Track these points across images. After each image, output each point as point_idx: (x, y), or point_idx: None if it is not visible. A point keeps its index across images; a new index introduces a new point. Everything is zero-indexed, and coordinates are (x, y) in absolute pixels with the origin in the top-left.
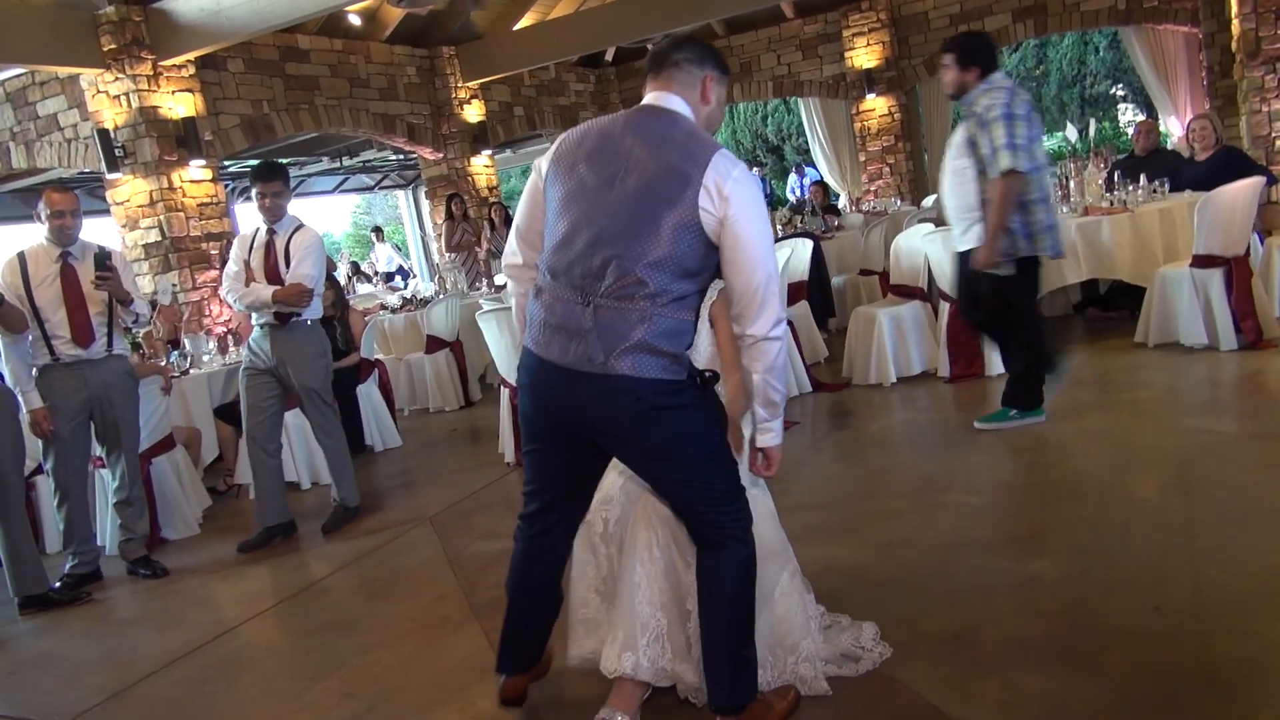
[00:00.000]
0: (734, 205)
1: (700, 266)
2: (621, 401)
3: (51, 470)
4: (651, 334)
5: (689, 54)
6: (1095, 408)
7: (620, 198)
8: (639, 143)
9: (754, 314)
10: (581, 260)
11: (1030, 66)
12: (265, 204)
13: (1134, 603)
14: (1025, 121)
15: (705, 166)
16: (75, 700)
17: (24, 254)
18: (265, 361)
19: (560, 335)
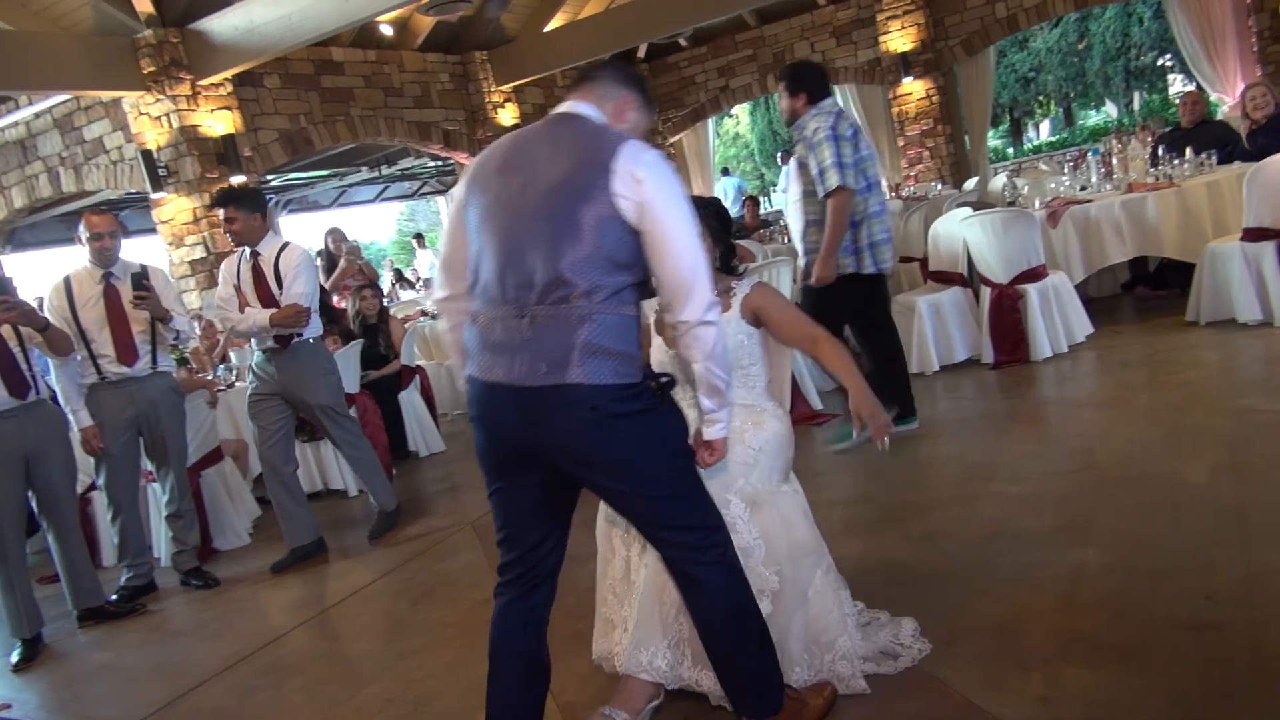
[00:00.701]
0: (650, 188)
1: (631, 258)
2: (576, 414)
3: (104, 486)
4: (595, 334)
5: (613, 72)
6: (1144, 390)
7: (535, 201)
8: (547, 145)
9: (684, 299)
10: (509, 273)
11: (1071, 42)
12: (230, 228)
13: (1183, 591)
14: (850, 143)
15: (616, 154)
16: (130, 710)
17: (69, 277)
18: (272, 385)
19: (501, 354)
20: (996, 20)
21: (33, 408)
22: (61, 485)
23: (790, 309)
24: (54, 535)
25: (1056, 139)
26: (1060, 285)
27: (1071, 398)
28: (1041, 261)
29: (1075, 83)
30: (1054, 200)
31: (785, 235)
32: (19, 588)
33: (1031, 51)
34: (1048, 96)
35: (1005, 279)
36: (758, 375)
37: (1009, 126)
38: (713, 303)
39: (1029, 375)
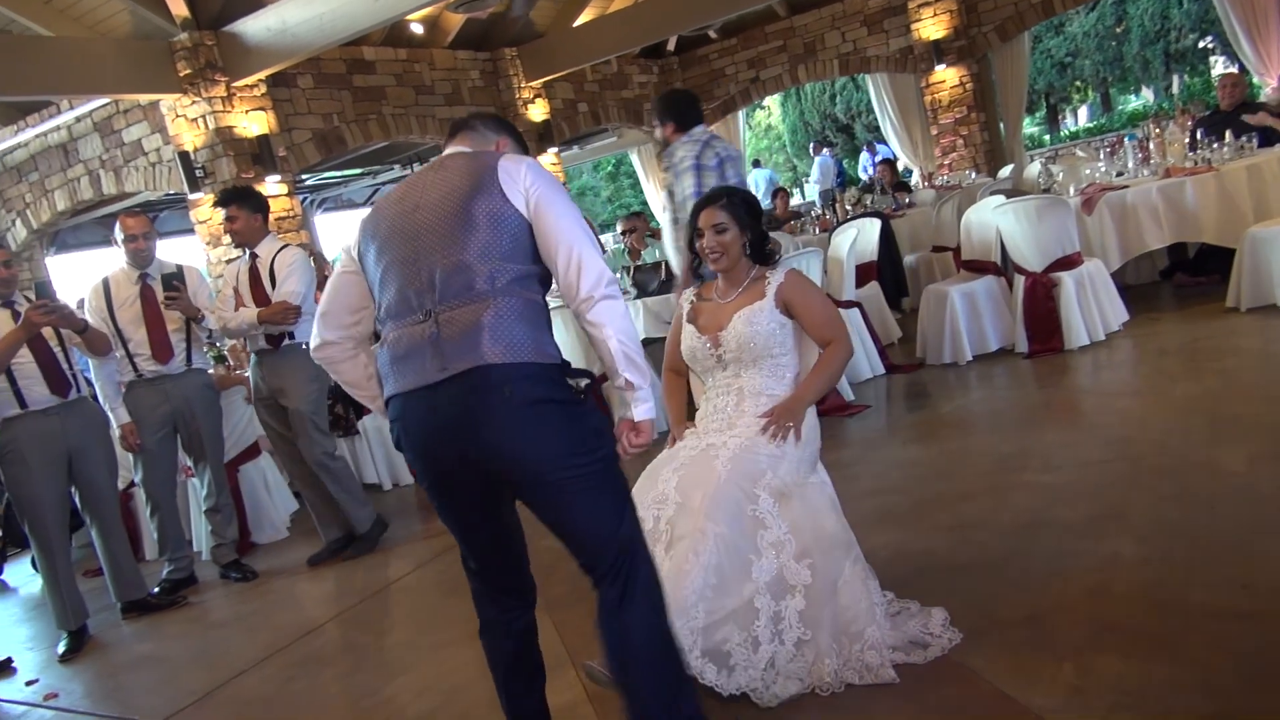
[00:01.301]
0: (531, 178)
1: (529, 249)
2: (490, 401)
3: (142, 482)
4: (502, 315)
5: (486, 121)
6: (1182, 378)
7: (427, 215)
8: (433, 175)
9: (579, 277)
10: (411, 284)
11: (1109, 25)
12: (226, 228)
13: (1219, 581)
14: (714, 172)
15: (498, 158)
16: (171, 700)
17: (107, 279)
18: (262, 389)
19: (412, 361)
20: (1031, 5)
21: (74, 406)
22: (103, 481)
23: (820, 302)
24: (97, 530)
25: (1094, 125)
26: (1096, 273)
27: (1107, 387)
28: (1076, 249)
29: (1113, 67)
30: (1089, 187)
31: (816, 226)
32: (64, 581)
33: (1068, 36)
34: (1085, 82)
35: (1039, 267)
36: (787, 365)
37: (1045, 113)
38: (610, 279)
39: (1064, 364)
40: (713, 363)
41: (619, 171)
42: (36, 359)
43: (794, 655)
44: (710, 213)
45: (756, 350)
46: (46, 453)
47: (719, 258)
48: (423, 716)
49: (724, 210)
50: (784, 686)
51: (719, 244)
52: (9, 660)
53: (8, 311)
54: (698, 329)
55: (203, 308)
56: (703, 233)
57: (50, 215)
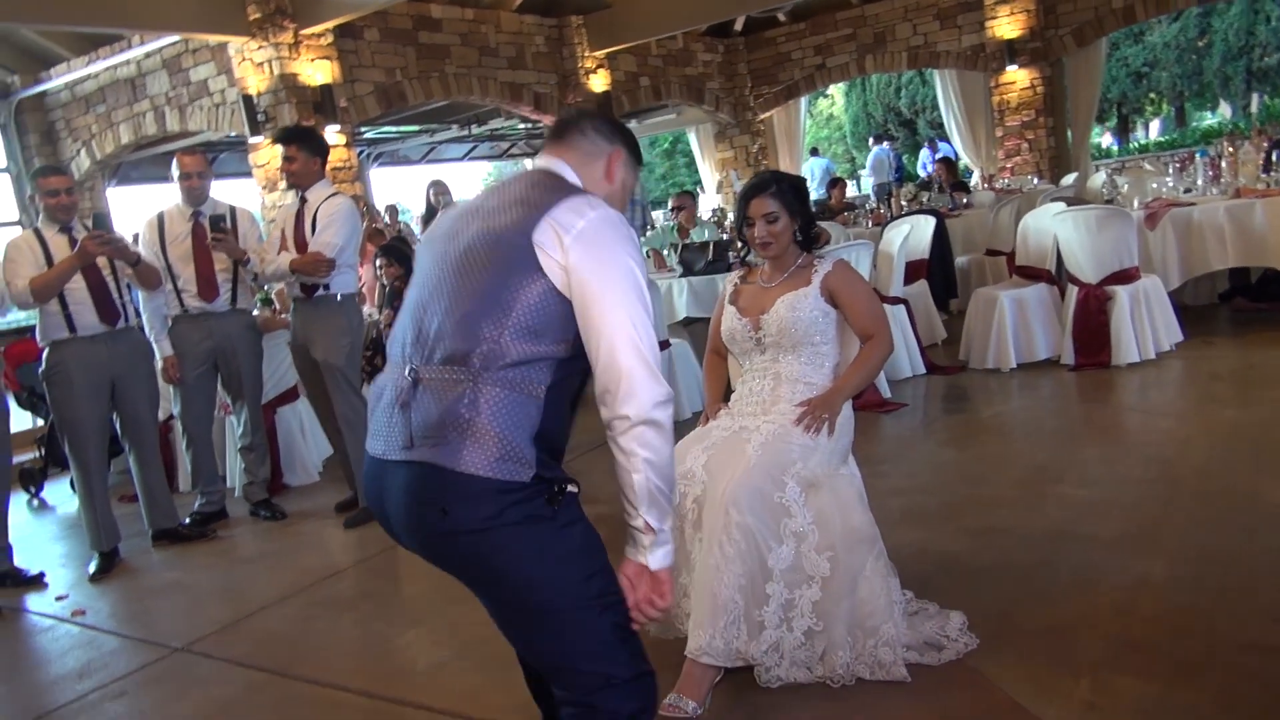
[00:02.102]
0: (581, 251)
1: (550, 328)
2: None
3: (180, 415)
4: (479, 409)
5: (600, 124)
6: (1231, 404)
7: (455, 250)
8: (499, 192)
9: (624, 390)
10: (411, 327)
11: (1191, 38)
12: (283, 168)
13: (1250, 611)
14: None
15: (554, 202)
16: (193, 627)
17: (162, 214)
18: (299, 339)
19: (381, 421)
20: (1112, 11)
21: (120, 335)
22: (144, 410)
23: (864, 295)
24: (135, 458)
25: (1166, 139)
26: (1152, 289)
27: (1153, 406)
28: (1135, 263)
29: (1191, 81)
30: (1155, 201)
31: (869, 220)
32: (99, 503)
33: (1147, 45)
34: (1160, 94)
35: (1095, 279)
36: (827, 354)
37: (1116, 123)
38: (662, 399)
39: (1109, 380)
40: (751, 345)
41: (675, 150)
42: (89, 286)
43: (802, 643)
44: (761, 201)
45: (797, 336)
46: (92, 378)
47: (769, 245)
48: (433, 667)
49: (774, 199)
50: (788, 672)
51: (770, 233)
52: (41, 574)
53: (65, 238)
54: (739, 311)
55: (250, 250)
56: (753, 221)
57: (114, 147)
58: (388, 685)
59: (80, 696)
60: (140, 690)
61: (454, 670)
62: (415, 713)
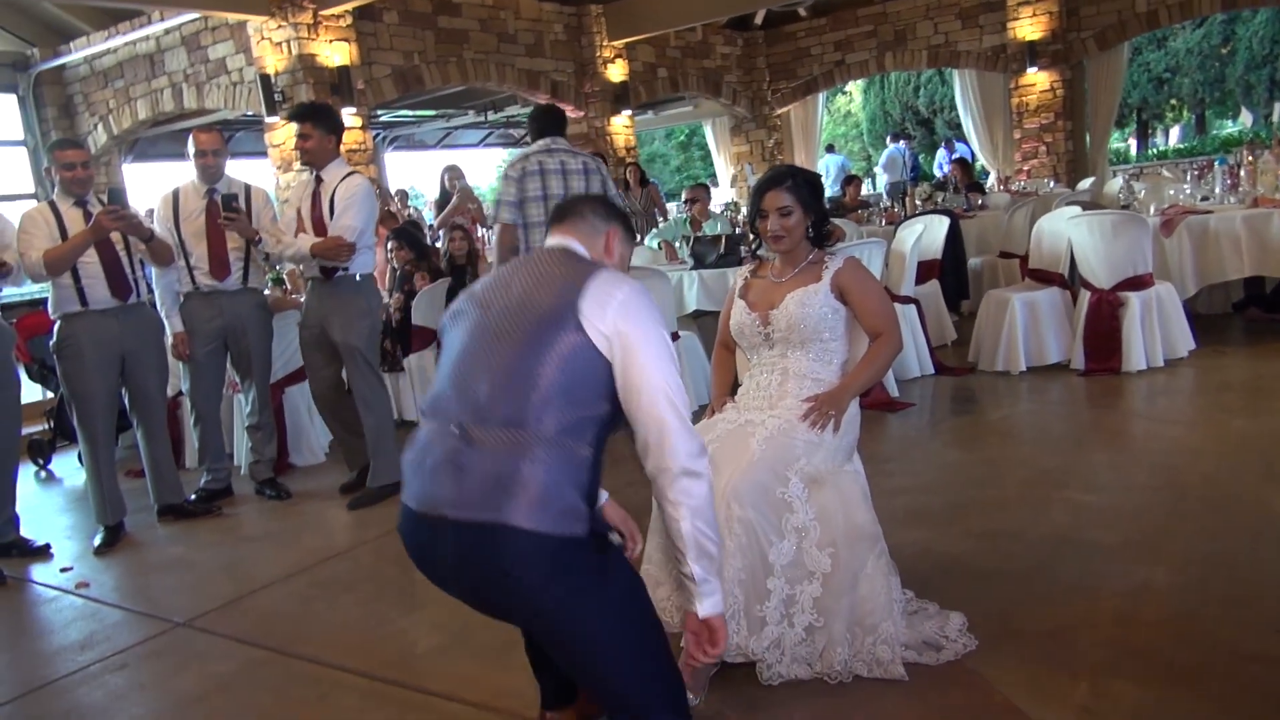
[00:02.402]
0: (622, 313)
1: (594, 392)
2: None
3: (188, 392)
4: (540, 471)
5: (596, 206)
6: (1241, 414)
7: (500, 318)
8: (525, 270)
9: (663, 442)
10: (458, 388)
11: (1215, 44)
12: (297, 146)
13: (1252, 621)
14: (516, 182)
15: (591, 276)
16: (195, 603)
17: (178, 190)
18: (312, 318)
19: (428, 476)
20: (1135, 15)
21: (132, 310)
22: (153, 385)
23: (874, 293)
24: (143, 433)
25: (1185, 146)
26: (1166, 296)
27: (1161, 413)
28: (1149, 270)
29: (1213, 88)
30: (1171, 208)
31: (883, 218)
32: (106, 476)
33: (1169, 51)
34: (1181, 101)
35: (1108, 284)
36: (836, 351)
37: (1135, 129)
38: (699, 450)
39: (1119, 386)
40: (759, 340)
41: (691, 142)
42: (101, 261)
43: (803, 639)
44: (776, 195)
45: (805, 332)
46: (102, 351)
47: (781, 240)
48: (432, 651)
49: (789, 193)
50: (789, 668)
51: (783, 227)
52: (47, 546)
53: (80, 211)
54: (748, 305)
55: (264, 230)
56: (766, 214)
57: (131, 123)
58: (387, 667)
59: (81, 668)
60: (141, 663)
61: (453, 655)
62: (413, 695)
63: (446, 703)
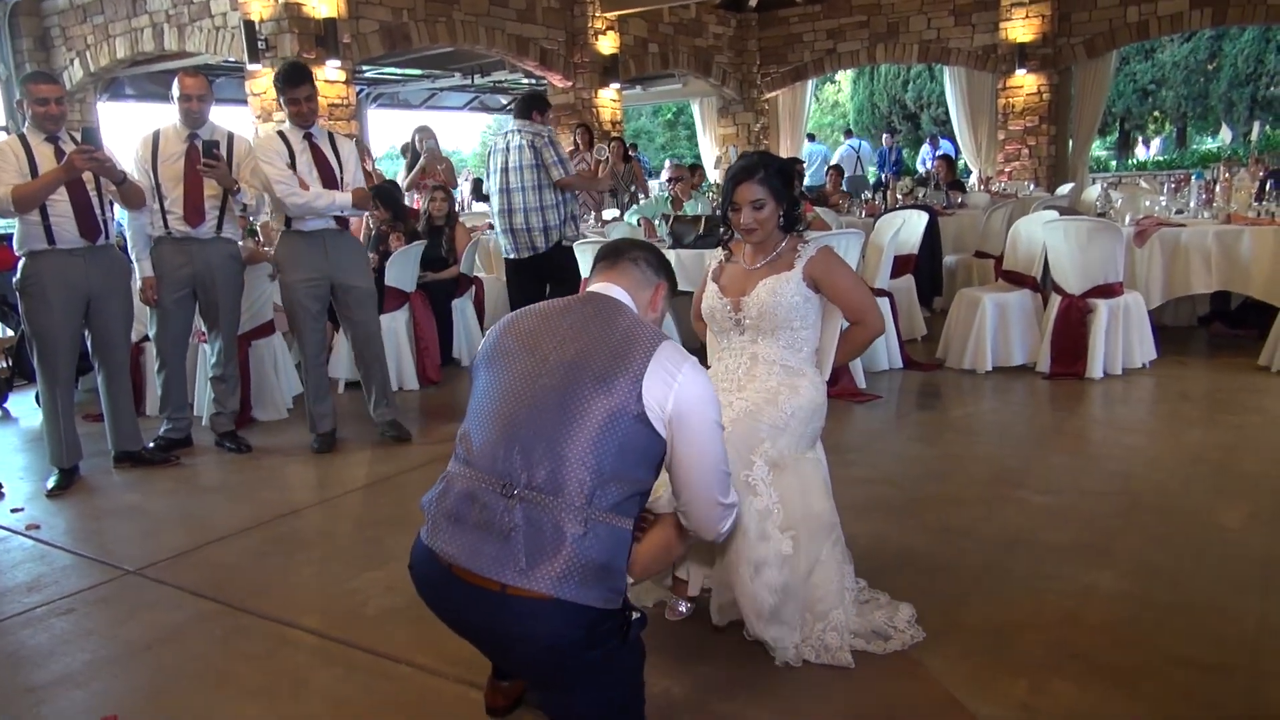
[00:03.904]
0: (686, 395)
1: (645, 465)
2: (537, 632)
3: (154, 338)
4: (589, 544)
5: (649, 256)
6: (1198, 425)
7: (551, 379)
8: (577, 325)
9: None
10: (505, 445)
11: (1201, 59)
12: (300, 109)
13: (1192, 629)
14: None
15: (652, 352)
16: (147, 552)
17: (159, 132)
18: (320, 268)
19: (468, 531)
20: (1126, 24)
21: (100, 251)
22: (117, 329)
23: (848, 281)
24: (104, 377)
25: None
26: (1134, 305)
27: (1120, 420)
28: (1119, 279)
29: (1196, 103)
30: (1145, 219)
31: (862, 209)
32: (64, 419)
33: (1156, 63)
34: (1164, 113)
35: (1078, 290)
36: (806, 339)
37: (1117, 138)
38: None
39: (1081, 391)
40: (730, 325)
41: (678, 121)
42: (72, 200)
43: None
44: (748, 188)
45: (777, 320)
46: (67, 291)
47: (754, 232)
48: (384, 613)
49: (762, 185)
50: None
51: (755, 220)
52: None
53: (51, 148)
54: (720, 289)
55: (244, 181)
56: (739, 207)
57: (109, 61)
58: (337, 626)
59: (27, 609)
60: (88, 609)
61: (405, 618)
62: (362, 656)
63: (395, 665)
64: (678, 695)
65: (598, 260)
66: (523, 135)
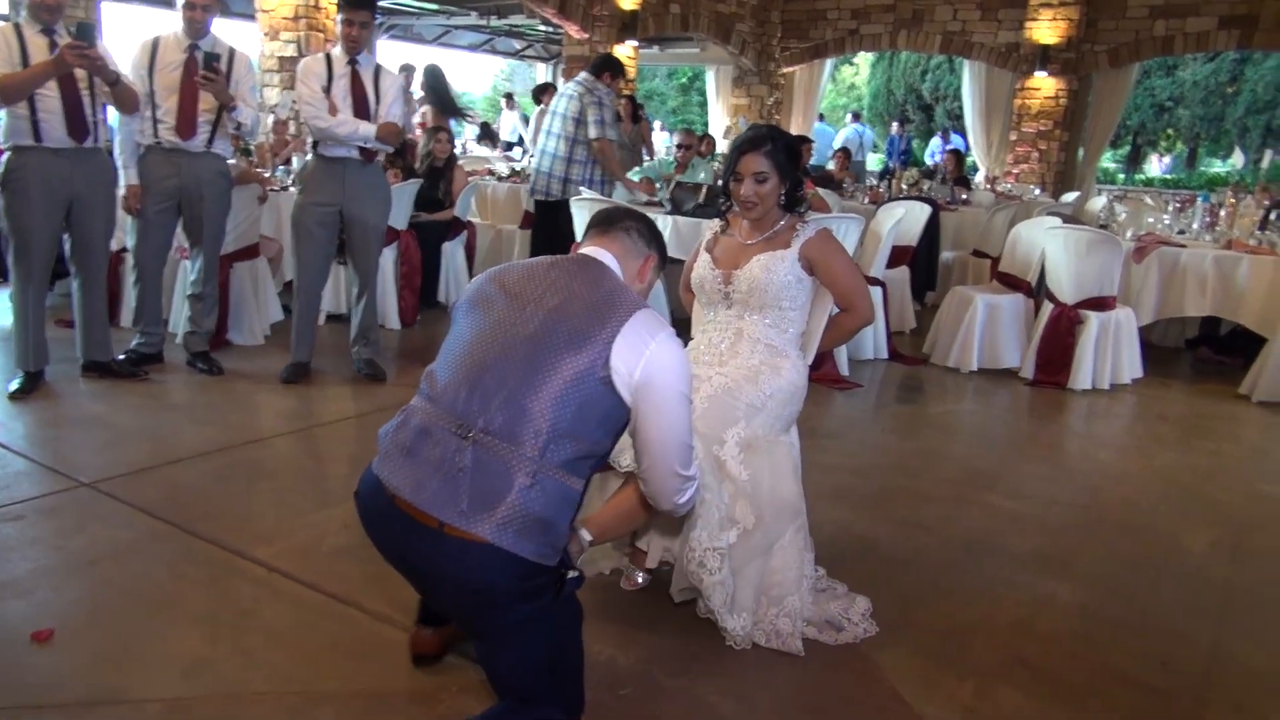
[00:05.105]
0: (656, 365)
1: (603, 429)
2: (469, 574)
3: (133, 249)
4: (534, 496)
5: (641, 226)
6: (1172, 447)
7: (525, 328)
8: (561, 280)
9: (663, 487)
10: (470, 387)
11: (1222, 81)
12: (352, 32)
13: (1142, 650)
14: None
15: (628, 317)
16: (105, 465)
17: (159, 38)
18: (334, 196)
19: (417, 465)
20: (1152, 37)
21: (87, 154)
22: (97, 235)
23: (842, 266)
24: (80, 283)
25: (1173, 178)
26: (1125, 321)
27: (1097, 435)
28: (1114, 293)
29: (1211, 125)
30: (1147, 235)
31: (867, 195)
32: (34, 321)
33: (1176, 80)
34: (1178, 131)
35: (1072, 300)
36: (793, 320)
37: (1129, 152)
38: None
39: (1062, 401)
40: (719, 297)
41: (691, 86)
42: (62, 97)
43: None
44: (753, 159)
45: (766, 298)
46: (50, 191)
47: (754, 207)
48: (339, 550)
49: (768, 158)
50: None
51: (757, 194)
52: None
53: (46, 40)
54: (713, 260)
55: (242, 99)
56: (741, 178)
57: None
58: (287, 560)
59: None
60: (38, 516)
61: (356, 558)
62: (309, 593)
63: (344, 606)
64: (623, 665)
65: (591, 225)
66: (580, 86)
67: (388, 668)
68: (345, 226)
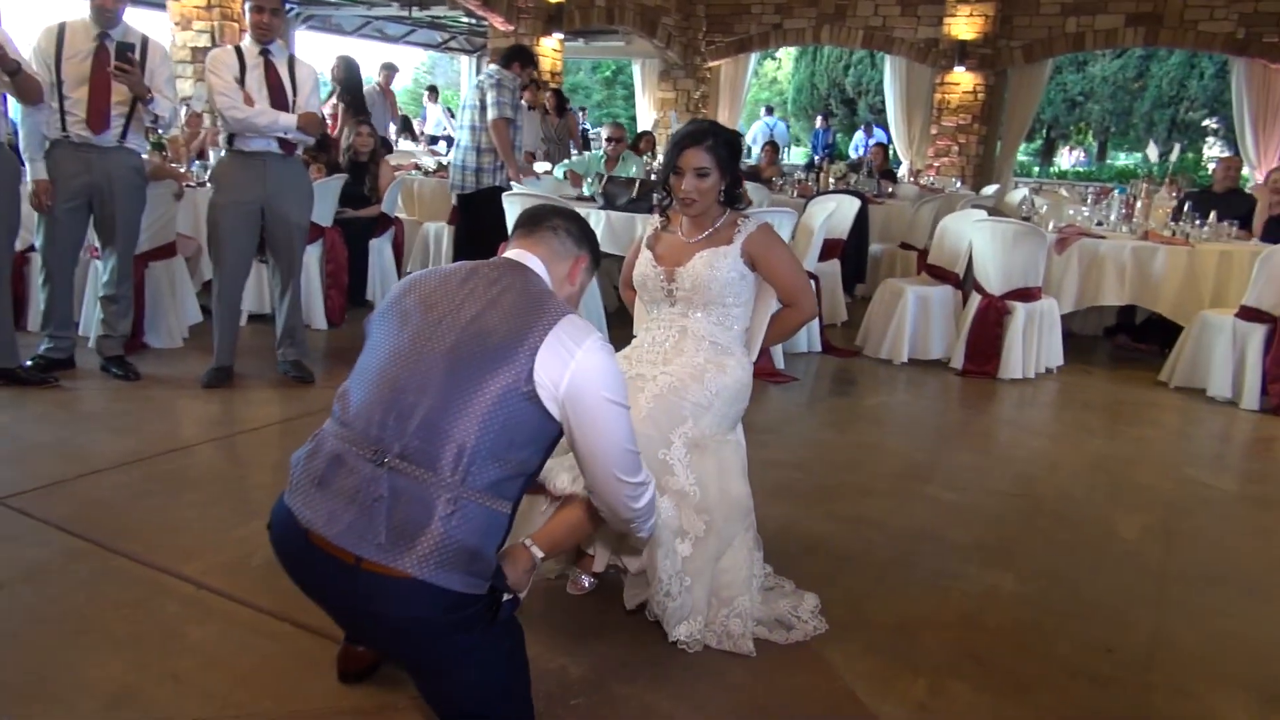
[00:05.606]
0: (583, 373)
1: (529, 447)
2: (389, 610)
3: (41, 249)
4: (456, 524)
5: (570, 226)
6: (1099, 434)
7: (441, 343)
8: (479, 288)
9: (617, 502)
10: (385, 406)
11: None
12: (262, 20)
13: (1086, 639)
14: None
15: (551, 326)
16: (15, 480)
17: (65, 25)
18: (250, 195)
19: (331, 497)
20: (1064, 34)
21: None
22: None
23: (785, 262)
24: None
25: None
26: (1049, 311)
27: (1027, 423)
28: (1040, 283)
29: (1119, 119)
30: (1068, 227)
31: (795, 189)
32: None
33: (1086, 76)
34: (1088, 125)
35: (999, 291)
36: (738, 317)
37: (1041, 145)
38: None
39: (992, 390)
40: (662, 295)
41: (616, 80)
42: None
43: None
44: (694, 154)
45: (710, 295)
46: None
47: (693, 204)
48: (268, 565)
49: (709, 153)
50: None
51: (697, 189)
52: None
53: None
54: (655, 257)
55: (159, 90)
56: (682, 172)
57: None
58: (215, 576)
59: None
60: None
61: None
62: (240, 610)
63: (276, 622)
64: (574, 675)
65: (516, 225)
66: (488, 78)
67: (329, 686)
68: (266, 224)
